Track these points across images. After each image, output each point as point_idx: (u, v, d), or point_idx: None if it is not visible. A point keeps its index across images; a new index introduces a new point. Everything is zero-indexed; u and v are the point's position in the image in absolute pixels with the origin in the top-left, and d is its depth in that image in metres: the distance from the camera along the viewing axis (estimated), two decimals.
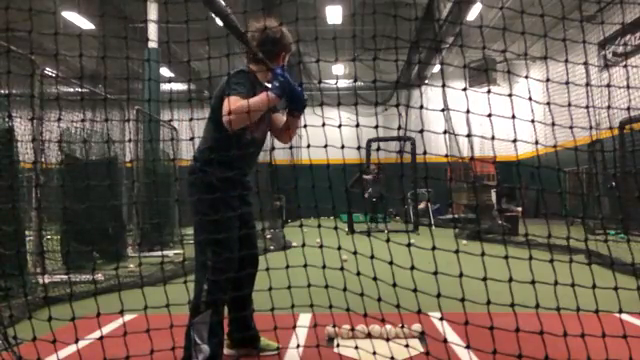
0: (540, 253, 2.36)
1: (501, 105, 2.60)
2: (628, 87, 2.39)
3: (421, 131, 2.20)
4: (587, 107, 2.39)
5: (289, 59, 2.67)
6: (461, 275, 2.04)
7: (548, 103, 2.34)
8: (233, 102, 2.27)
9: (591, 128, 2.25)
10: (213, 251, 2.38)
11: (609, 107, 2.46)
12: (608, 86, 2.44)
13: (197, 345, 2.32)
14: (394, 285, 2.13)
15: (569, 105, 2.29)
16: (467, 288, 2.04)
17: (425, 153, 2.09)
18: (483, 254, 2.10)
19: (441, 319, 2.55)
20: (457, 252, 2.06)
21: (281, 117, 2.75)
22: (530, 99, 2.29)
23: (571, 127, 2.23)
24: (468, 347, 2.17)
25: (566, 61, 2.32)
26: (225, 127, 2.28)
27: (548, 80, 2.38)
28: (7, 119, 4.56)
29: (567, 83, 2.32)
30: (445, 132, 2.25)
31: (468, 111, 2.28)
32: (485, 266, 2.09)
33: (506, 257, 2.12)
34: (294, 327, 2.69)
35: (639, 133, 9.43)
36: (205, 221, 2.40)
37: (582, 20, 2.60)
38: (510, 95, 2.26)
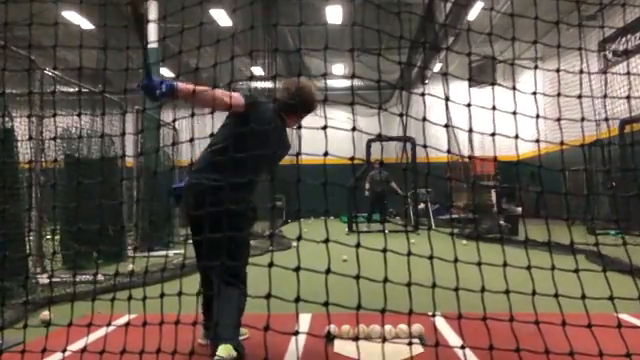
0: (541, 253, 2.36)
1: (501, 106, 2.59)
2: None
3: (404, 138, 2.19)
4: (605, 96, 2.38)
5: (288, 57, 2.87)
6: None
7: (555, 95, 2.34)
8: (227, 95, 2.52)
9: (607, 119, 2.24)
10: (244, 263, 2.63)
11: (629, 97, 2.44)
12: (628, 74, 2.42)
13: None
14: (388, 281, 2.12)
15: (577, 96, 2.29)
16: (468, 289, 2.04)
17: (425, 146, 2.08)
18: (479, 263, 2.09)
19: (459, 317, 2.54)
20: (456, 260, 2.05)
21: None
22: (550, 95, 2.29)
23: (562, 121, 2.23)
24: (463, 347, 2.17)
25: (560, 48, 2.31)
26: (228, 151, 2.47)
27: (532, 69, 2.37)
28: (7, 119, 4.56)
29: (557, 71, 2.31)
30: (423, 134, 2.24)
31: (446, 119, 2.28)
32: (481, 269, 2.09)
33: (504, 265, 2.12)
34: (296, 333, 2.68)
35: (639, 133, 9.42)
36: (239, 242, 2.60)
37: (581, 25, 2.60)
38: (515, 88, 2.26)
